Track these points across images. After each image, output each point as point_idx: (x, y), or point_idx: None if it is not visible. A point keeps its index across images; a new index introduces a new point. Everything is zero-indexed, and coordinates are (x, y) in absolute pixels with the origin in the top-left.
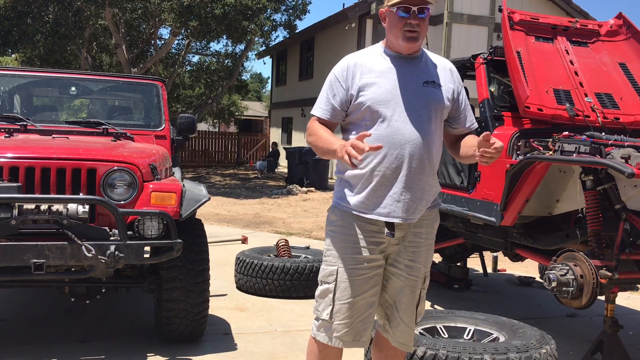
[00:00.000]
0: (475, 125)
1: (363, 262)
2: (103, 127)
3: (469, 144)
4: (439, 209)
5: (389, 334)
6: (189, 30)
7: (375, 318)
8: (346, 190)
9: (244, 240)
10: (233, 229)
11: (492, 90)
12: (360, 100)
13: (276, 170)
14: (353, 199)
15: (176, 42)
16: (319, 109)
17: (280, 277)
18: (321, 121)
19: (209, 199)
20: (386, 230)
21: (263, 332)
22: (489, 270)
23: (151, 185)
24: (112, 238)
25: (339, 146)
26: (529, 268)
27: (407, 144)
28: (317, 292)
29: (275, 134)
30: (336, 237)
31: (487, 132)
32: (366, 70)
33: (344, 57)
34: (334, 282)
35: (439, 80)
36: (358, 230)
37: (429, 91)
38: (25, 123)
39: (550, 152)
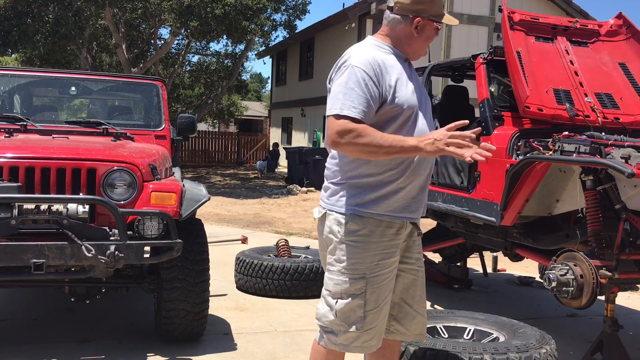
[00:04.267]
0: None
1: (388, 267)
2: (103, 127)
3: None
4: (438, 209)
5: (399, 333)
6: (189, 31)
7: None
8: (365, 196)
9: (244, 240)
10: (233, 229)
11: (492, 90)
12: (397, 102)
13: (276, 170)
14: (378, 203)
15: (176, 42)
16: (355, 109)
17: (280, 277)
18: (356, 122)
19: (209, 199)
20: (416, 231)
21: (263, 332)
22: (489, 270)
23: (151, 185)
24: (112, 238)
25: (420, 144)
26: (529, 268)
27: None
28: (337, 307)
29: (275, 134)
30: (360, 247)
31: (479, 129)
32: (390, 70)
33: (361, 53)
34: (363, 293)
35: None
36: (382, 236)
37: (425, 92)
38: (25, 123)
39: (550, 152)
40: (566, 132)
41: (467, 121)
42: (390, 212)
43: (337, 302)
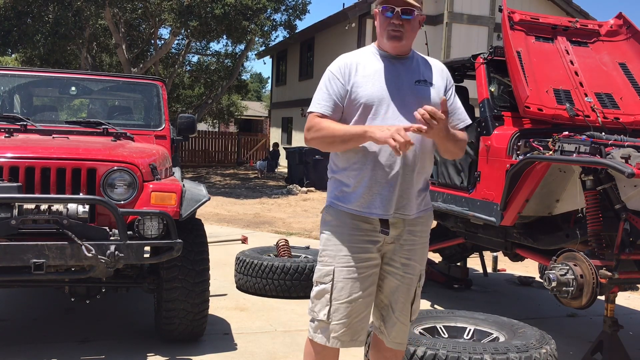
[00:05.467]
0: (464, 124)
1: (359, 261)
2: (103, 127)
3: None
4: (438, 209)
5: (384, 335)
6: (189, 30)
7: (371, 320)
8: (340, 190)
9: (244, 240)
10: (233, 229)
11: (492, 90)
12: (354, 97)
13: (276, 170)
14: (348, 198)
15: (176, 42)
16: (319, 105)
17: (280, 277)
18: (319, 116)
19: (209, 199)
20: (380, 228)
21: (263, 332)
22: (489, 270)
23: (151, 185)
24: (112, 238)
25: (371, 129)
26: (529, 268)
27: None
28: (312, 293)
29: (275, 134)
30: (331, 237)
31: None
32: (360, 68)
33: (339, 56)
34: (331, 282)
35: (430, 79)
36: (353, 229)
37: (421, 89)
38: (25, 123)
39: (550, 152)
40: (566, 132)
41: (423, 127)
42: (358, 207)
43: (312, 288)
